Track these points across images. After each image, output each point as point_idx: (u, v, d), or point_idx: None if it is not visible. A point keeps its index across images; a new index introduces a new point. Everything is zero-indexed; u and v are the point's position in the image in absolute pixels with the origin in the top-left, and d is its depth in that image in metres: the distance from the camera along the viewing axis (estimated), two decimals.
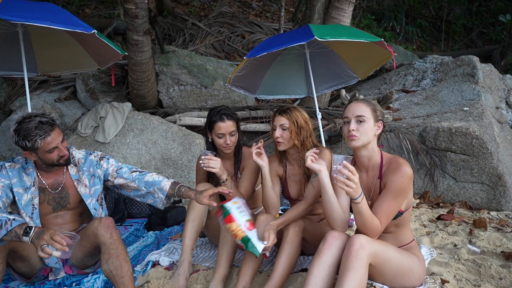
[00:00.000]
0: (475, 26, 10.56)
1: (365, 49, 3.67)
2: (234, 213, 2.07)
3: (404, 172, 1.84)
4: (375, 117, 1.94)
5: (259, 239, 2.05)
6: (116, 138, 4.17)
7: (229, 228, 2.06)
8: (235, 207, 2.09)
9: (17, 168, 2.17)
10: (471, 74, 5.07)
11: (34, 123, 2.04)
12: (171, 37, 7.19)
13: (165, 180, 2.33)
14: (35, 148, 2.07)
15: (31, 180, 2.18)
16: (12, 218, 1.87)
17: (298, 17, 8.59)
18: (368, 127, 1.92)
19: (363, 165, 2.00)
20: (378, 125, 1.95)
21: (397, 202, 1.85)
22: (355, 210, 1.79)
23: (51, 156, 2.12)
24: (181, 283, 2.22)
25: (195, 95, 5.44)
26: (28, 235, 1.81)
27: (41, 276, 2.23)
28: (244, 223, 2.06)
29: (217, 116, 2.48)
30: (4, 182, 2.12)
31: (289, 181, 2.50)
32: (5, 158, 4.48)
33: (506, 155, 4.08)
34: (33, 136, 2.03)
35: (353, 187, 1.70)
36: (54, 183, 2.24)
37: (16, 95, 5.19)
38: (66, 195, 2.26)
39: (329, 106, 5.51)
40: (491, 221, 3.32)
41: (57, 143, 2.11)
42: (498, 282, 2.15)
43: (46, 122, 2.07)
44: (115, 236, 2.02)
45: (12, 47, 3.70)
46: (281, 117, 2.34)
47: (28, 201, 2.15)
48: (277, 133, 2.33)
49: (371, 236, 1.80)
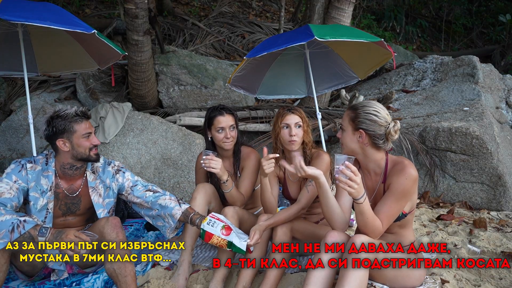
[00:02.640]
0: (475, 26, 10.56)
1: (365, 49, 3.67)
2: (208, 229, 2.15)
3: (408, 174, 1.82)
4: (352, 126, 1.90)
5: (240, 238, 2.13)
6: (116, 138, 4.17)
7: (212, 243, 2.14)
8: (206, 223, 2.17)
9: (37, 171, 2.17)
10: (471, 74, 5.07)
11: (73, 109, 2.17)
12: (171, 37, 7.19)
13: (177, 207, 2.29)
14: (73, 131, 2.13)
15: (49, 184, 2.18)
16: (23, 220, 1.89)
17: (298, 17, 8.59)
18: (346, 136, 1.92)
19: (367, 168, 1.98)
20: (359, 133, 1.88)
21: (400, 204, 1.83)
22: (357, 210, 1.78)
23: (85, 143, 2.16)
24: (181, 283, 2.23)
25: (195, 95, 5.44)
26: (43, 236, 1.88)
27: (41, 274, 2.23)
28: (221, 232, 2.14)
29: (216, 111, 2.50)
30: (21, 184, 2.11)
31: (288, 181, 2.50)
32: (5, 158, 4.47)
33: (506, 155, 4.08)
34: (72, 119, 2.14)
35: (355, 188, 1.69)
36: (70, 188, 2.25)
37: (16, 95, 5.18)
38: (78, 202, 2.27)
39: (329, 106, 5.51)
40: (491, 221, 3.32)
41: (92, 130, 2.20)
42: (498, 282, 2.15)
43: (84, 112, 2.20)
44: (121, 235, 2.05)
45: (12, 47, 3.69)
46: (294, 115, 2.33)
47: (43, 206, 2.16)
48: (293, 131, 2.30)
49: (372, 237, 1.80)
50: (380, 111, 1.88)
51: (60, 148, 2.16)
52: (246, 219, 2.41)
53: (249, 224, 2.33)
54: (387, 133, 1.86)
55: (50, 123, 2.14)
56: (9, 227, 1.85)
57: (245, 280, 2.15)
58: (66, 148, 2.15)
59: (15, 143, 4.56)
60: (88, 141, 2.18)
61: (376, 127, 1.86)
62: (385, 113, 1.89)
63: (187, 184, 4.08)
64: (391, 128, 1.86)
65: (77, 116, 2.16)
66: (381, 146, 1.89)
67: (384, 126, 1.86)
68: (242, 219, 2.37)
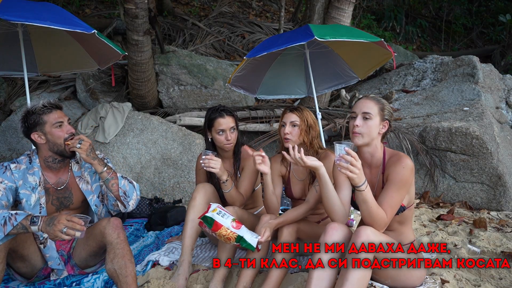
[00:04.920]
0: (475, 26, 10.56)
1: (365, 49, 3.67)
2: (218, 219, 2.09)
3: (405, 163, 1.87)
4: (381, 115, 1.96)
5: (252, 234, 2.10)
6: (116, 138, 4.17)
7: (219, 234, 2.09)
8: (216, 213, 2.12)
9: (22, 170, 2.17)
10: (471, 74, 5.07)
11: (41, 103, 2.17)
12: (171, 37, 7.19)
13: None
14: (43, 123, 2.13)
15: (37, 179, 2.19)
16: (15, 213, 1.90)
17: (298, 17, 8.59)
18: (373, 125, 1.94)
19: (366, 161, 2.01)
20: (383, 124, 1.97)
21: (400, 194, 1.86)
22: (360, 199, 1.79)
23: (59, 133, 2.15)
24: (181, 283, 2.22)
25: (195, 95, 5.44)
26: (36, 224, 1.88)
27: (41, 276, 2.23)
28: (231, 224, 2.10)
29: (216, 113, 2.49)
30: (7, 184, 2.11)
31: (293, 180, 2.50)
32: (5, 158, 4.48)
33: (506, 155, 4.08)
34: (40, 111, 2.14)
35: (356, 173, 1.71)
36: (58, 182, 2.25)
37: (16, 95, 5.19)
38: (70, 195, 2.27)
39: (329, 106, 5.51)
40: (491, 221, 3.32)
41: (64, 119, 2.19)
42: (498, 282, 2.15)
43: (51, 103, 2.20)
44: (122, 236, 2.05)
45: (12, 47, 3.70)
46: (292, 114, 2.38)
47: (36, 201, 2.17)
48: (287, 130, 2.36)
49: (377, 228, 1.80)
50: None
51: (36, 141, 2.18)
52: (246, 219, 2.41)
53: (249, 224, 2.32)
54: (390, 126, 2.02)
55: (24, 120, 2.17)
56: (1, 221, 1.87)
57: (245, 280, 2.15)
58: (42, 140, 2.17)
59: (15, 143, 4.56)
60: (61, 131, 2.17)
61: (392, 121, 2.03)
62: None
63: (187, 184, 4.08)
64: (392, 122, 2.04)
65: (45, 107, 2.16)
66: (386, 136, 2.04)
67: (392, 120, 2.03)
68: (242, 219, 2.37)
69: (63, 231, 1.84)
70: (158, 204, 3.68)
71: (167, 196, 4.03)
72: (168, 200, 4.00)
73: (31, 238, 2.15)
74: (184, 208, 3.46)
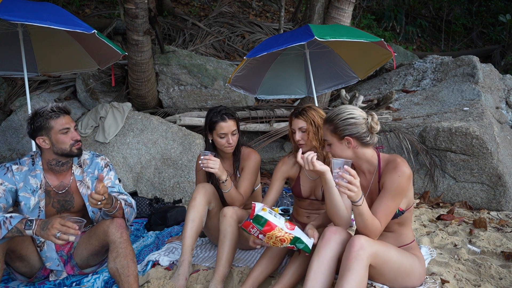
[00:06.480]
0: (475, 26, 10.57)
1: (365, 49, 3.67)
2: (271, 219, 1.88)
3: (401, 172, 1.84)
4: (337, 137, 1.91)
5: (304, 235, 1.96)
6: (116, 138, 4.17)
7: (271, 235, 1.87)
8: (268, 213, 1.89)
9: (24, 172, 2.16)
10: (471, 74, 5.07)
11: (49, 106, 2.14)
12: (171, 37, 7.19)
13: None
14: (50, 128, 2.11)
15: (38, 182, 2.17)
16: (9, 216, 1.89)
17: (298, 17, 8.59)
18: (335, 149, 1.93)
19: (361, 168, 2.01)
20: (346, 141, 1.90)
21: (396, 202, 1.85)
22: (356, 213, 1.80)
23: (65, 139, 2.14)
24: (181, 283, 2.22)
25: (195, 95, 5.44)
26: (30, 228, 1.87)
27: (41, 276, 2.23)
28: (285, 225, 1.90)
29: (218, 117, 2.47)
30: (7, 186, 2.10)
31: (303, 179, 2.50)
32: (5, 158, 4.47)
33: (506, 155, 4.08)
34: (48, 116, 2.11)
35: (355, 191, 1.71)
36: (60, 185, 2.24)
37: (16, 95, 5.18)
38: (71, 199, 2.26)
39: (329, 106, 5.51)
40: (491, 221, 3.32)
41: (70, 125, 2.16)
42: (498, 282, 2.15)
43: (60, 107, 2.17)
44: (125, 236, 2.05)
45: (12, 47, 3.70)
46: (298, 120, 2.39)
47: (35, 205, 2.15)
48: (298, 136, 2.37)
49: (371, 237, 1.81)
50: (354, 111, 1.91)
51: (40, 145, 2.16)
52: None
53: None
54: (370, 128, 1.90)
55: (30, 122, 2.14)
56: None
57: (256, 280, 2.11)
58: (46, 145, 2.14)
59: (15, 143, 4.56)
60: (67, 137, 2.15)
61: (359, 128, 1.89)
62: (359, 111, 1.93)
63: (187, 184, 4.08)
64: (371, 122, 1.90)
65: (53, 112, 2.12)
66: (369, 143, 1.93)
67: (364, 124, 1.90)
68: (241, 220, 2.37)
69: (57, 236, 1.81)
70: (158, 204, 3.68)
71: (167, 196, 4.03)
72: (168, 200, 4.00)
73: (29, 238, 2.15)
74: (184, 208, 3.46)
